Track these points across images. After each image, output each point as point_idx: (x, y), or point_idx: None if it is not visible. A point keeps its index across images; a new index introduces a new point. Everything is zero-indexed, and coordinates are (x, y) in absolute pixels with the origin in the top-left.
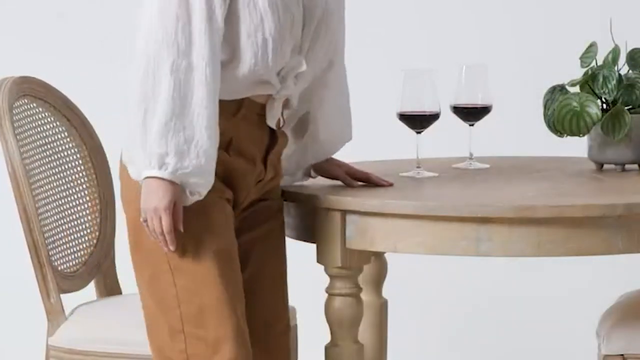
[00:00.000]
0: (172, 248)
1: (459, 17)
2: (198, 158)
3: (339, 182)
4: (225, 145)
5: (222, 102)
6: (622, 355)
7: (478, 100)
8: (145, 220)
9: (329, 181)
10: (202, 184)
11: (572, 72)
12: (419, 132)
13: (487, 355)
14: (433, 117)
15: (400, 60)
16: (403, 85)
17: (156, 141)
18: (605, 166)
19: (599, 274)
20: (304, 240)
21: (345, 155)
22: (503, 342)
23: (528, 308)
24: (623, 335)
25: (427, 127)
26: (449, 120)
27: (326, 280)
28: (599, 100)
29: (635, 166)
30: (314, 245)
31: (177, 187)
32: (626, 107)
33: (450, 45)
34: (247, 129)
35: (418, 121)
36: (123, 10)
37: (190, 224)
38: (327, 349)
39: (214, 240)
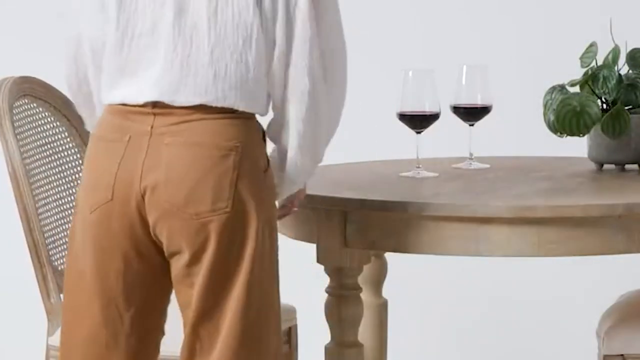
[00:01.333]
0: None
1: (459, 17)
2: None
3: (339, 182)
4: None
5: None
6: (622, 355)
7: (478, 100)
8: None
9: (329, 181)
10: None
11: (572, 72)
12: (419, 132)
13: (487, 355)
14: (433, 117)
15: (400, 60)
16: (403, 85)
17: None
18: (605, 166)
19: (599, 274)
20: (304, 240)
21: (346, 155)
22: (503, 342)
23: (528, 308)
24: (623, 335)
25: (427, 127)
26: (449, 120)
27: (326, 280)
28: (599, 100)
29: (635, 166)
30: (314, 245)
31: None
32: (626, 107)
33: (450, 45)
34: None
35: (418, 121)
36: None
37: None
38: (327, 349)
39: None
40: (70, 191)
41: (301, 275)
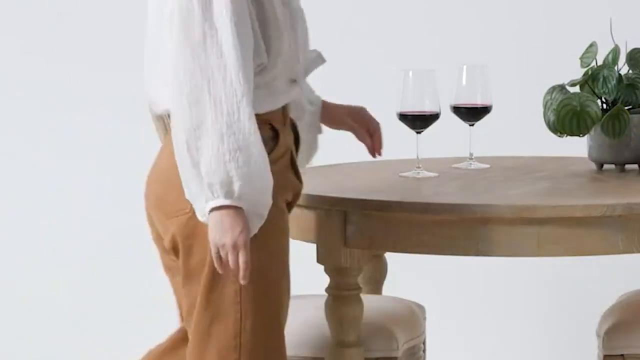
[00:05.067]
0: (245, 282)
1: (460, 17)
2: (261, 178)
3: (339, 182)
4: (290, 161)
5: (272, 113)
6: (622, 355)
7: (478, 100)
8: (218, 255)
9: (329, 181)
10: (265, 205)
11: (572, 72)
12: (419, 132)
13: (487, 355)
14: (433, 117)
15: (400, 60)
16: (403, 85)
17: (215, 168)
18: (605, 166)
19: (599, 274)
20: (304, 240)
21: (346, 155)
22: (503, 341)
23: (528, 308)
24: (623, 335)
25: (427, 127)
26: (449, 120)
27: (326, 280)
28: (599, 100)
29: (635, 166)
30: (314, 245)
31: (244, 216)
32: (626, 107)
33: (450, 45)
34: (289, 136)
35: (418, 121)
36: (123, 10)
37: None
38: (327, 349)
39: (286, 278)
40: None
41: (301, 275)
